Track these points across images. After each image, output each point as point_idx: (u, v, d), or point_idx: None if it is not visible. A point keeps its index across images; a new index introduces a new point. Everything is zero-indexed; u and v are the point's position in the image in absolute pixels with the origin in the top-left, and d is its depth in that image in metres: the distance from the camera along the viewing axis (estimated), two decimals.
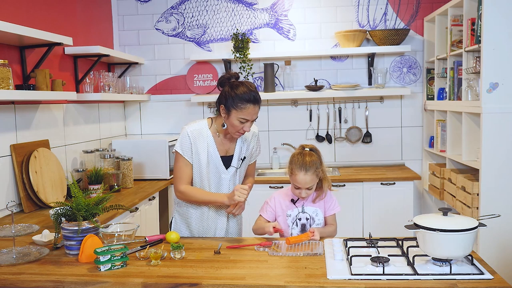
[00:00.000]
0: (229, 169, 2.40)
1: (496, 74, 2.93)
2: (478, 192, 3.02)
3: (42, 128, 3.16)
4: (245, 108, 2.21)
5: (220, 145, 2.37)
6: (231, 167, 2.40)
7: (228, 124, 2.28)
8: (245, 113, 2.22)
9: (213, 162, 2.36)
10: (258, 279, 1.72)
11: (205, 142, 2.34)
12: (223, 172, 2.38)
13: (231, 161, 2.41)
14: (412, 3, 4.26)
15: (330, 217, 2.37)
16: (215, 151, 2.35)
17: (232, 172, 2.40)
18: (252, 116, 2.25)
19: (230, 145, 2.41)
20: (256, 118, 2.30)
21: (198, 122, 2.38)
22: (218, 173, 2.38)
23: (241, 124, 2.25)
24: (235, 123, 2.25)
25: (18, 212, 2.83)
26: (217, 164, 2.37)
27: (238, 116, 2.22)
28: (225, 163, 2.39)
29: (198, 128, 2.34)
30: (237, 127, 2.26)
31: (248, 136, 2.45)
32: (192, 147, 2.31)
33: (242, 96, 2.21)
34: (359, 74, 4.36)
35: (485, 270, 1.72)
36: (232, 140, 2.41)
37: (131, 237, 2.15)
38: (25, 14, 2.99)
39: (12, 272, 1.83)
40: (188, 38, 4.43)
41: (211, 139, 2.35)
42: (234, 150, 2.41)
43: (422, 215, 1.89)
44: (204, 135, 2.34)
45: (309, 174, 2.22)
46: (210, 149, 2.34)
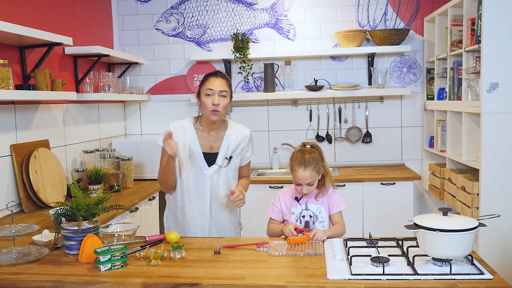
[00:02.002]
0: (212, 166, 2.43)
1: (496, 74, 2.93)
2: (478, 192, 3.02)
3: (42, 128, 3.16)
4: (207, 81, 2.38)
5: (203, 140, 2.44)
6: (215, 164, 2.43)
7: (201, 108, 2.40)
8: (208, 84, 2.37)
9: (195, 157, 2.42)
10: (258, 279, 1.72)
11: (187, 137, 2.43)
12: (205, 168, 2.42)
13: (215, 158, 2.44)
14: (412, 3, 4.26)
15: (335, 214, 2.36)
16: (197, 146, 2.42)
17: (214, 169, 2.43)
18: (215, 85, 2.35)
19: (215, 142, 2.45)
20: (223, 92, 2.37)
21: (183, 119, 2.51)
22: (200, 169, 2.42)
23: (209, 98, 2.35)
24: (204, 100, 2.36)
25: (18, 212, 2.83)
26: (199, 159, 2.42)
27: (203, 90, 2.37)
28: (208, 160, 2.43)
29: (182, 124, 2.46)
30: (206, 103, 2.35)
31: (236, 137, 2.48)
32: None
33: (205, 75, 2.43)
34: (359, 74, 4.36)
35: (485, 270, 1.72)
36: (218, 137, 2.46)
37: (131, 237, 2.15)
38: (25, 14, 2.99)
39: (12, 272, 1.83)
40: (188, 38, 4.43)
41: (193, 134, 2.44)
42: (220, 148, 2.44)
43: (422, 215, 1.89)
44: (187, 131, 2.44)
45: (309, 170, 2.24)
46: (192, 144, 2.42)
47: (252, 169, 4.41)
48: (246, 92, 4.44)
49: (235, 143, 2.47)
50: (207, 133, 2.46)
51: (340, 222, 2.36)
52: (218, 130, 2.48)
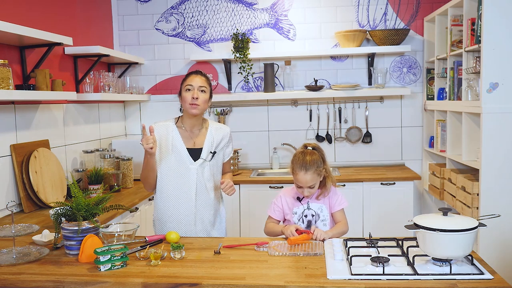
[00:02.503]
0: (197, 160, 2.49)
1: (496, 74, 2.93)
2: (478, 192, 3.02)
3: (42, 128, 3.16)
4: (187, 78, 2.50)
5: (186, 138, 2.51)
6: (200, 158, 2.49)
7: (182, 103, 2.49)
8: (188, 81, 2.48)
9: (179, 153, 2.48)
10: (258, 279, 1.72)
11: (170, 135, 2.50)
12: (191, 163, 2.48)
13: (199, 154, 2.50)
14: (412, 3, 4.26)
15: (337, 213, 2.36)
16: (180, 143, 2.49)
17: (199, 163, 2.49)
18: (194, 82, 2.46)
19: (198, 138, 2.53)
20: (202, 87, 2.46)
21: (165, 120, 2.58)
22: (185, 164, 2.47)
23: (189, 92, 2.44)
24: (184, 95, 2.46)
25: (18, 212, 2.83)
26: (183, 155, 2.48)
27: (184, 86, 2.48)
28: (193, 155, 2.49)
29: (164, 124, 2.53)
30: (186, 98, 2.44)
31: (218, 133, 2.57)
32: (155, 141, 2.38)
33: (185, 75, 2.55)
34: (359, 74, 4.36)
35: (485, 270, 1.72)
36: (200, 133, 2.53)
37: (131, 237, 2.15)
38: (25, 14, 2.99)
39: (12, 272, 1.83)
40: (188, 38, 4.43)
41: (176, 133, 2.50)
42: (204, 144, 2.52)
43: (422, 215, 1.89)
44: (170, 129, 2.51)
45: (310, 174, 2.24)
46: (175, 141, 2.49)
47: (252, 169, 4.41)
48: (246, 92, 4.44)
49: (218, 138, 2.55)
50: (189, 130, 2.53)
51: (342, 220, 2.36)
52: (200, 127, 2.56)
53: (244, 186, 3.95)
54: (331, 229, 2.32)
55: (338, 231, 2.28)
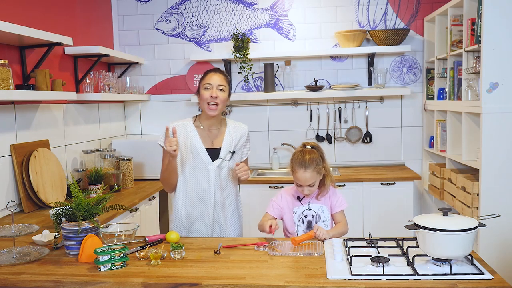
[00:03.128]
0: (215, 160, 2.47)
1: (496, 74, 2.93)
2: (478, 192, 3.02)
3: (42, 128, 3.16)
4: (206, 76, 2.45)
5: (204, 137, 2.48)
6: (219, 159, 2.47)
7: (200, 102, 2.46)
8: (206, 79, 2.43)
9: (198, 153, 2.46)
10: (258, 279, 1.72)
11: (189, 135, 2.47)
12: (209, 163, 2.46)
13: (218, 153, 2.48)
14: (412, 3, 4.26)
15: (338, 214, 2.37)
16: (199, 143, 2.46)
17: (218, 163, 2.47)
18: (213, 80, 2.41)
19: (216, 138, 2.50)
20: (221, 86, 2.43)
21: (183, 119, 2.55)
22: (203, 164, 2.46)
23: (207, 91, 2.40)
24: (202, 94, 2.42)
25: (18, 212, 2.83)
26: (202, 155, 2.46)
27: (202, 84, 2.43)
28: (212, 155, 2.46)
29: (182, 123, 2.50)
30: (205, 96, 2.40)
31: (237, 132, 2.54)
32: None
33: (204, 72, 2.50)
34: (359, 74, 4.36)
35: (485, 270, 1.72)
36: (219, 133, 2.50)
37: (131, 237, 2.15)
38: (25, 14, 2.99)
39: (12, 272, 1.83)
40: (188, 38, 4.44)
41: (194, 132, 2.48)
42: (222, 143, 2.49)
43: (422, 215, 1.89)
44: (188, 129, 2.48)
45: (309, 172, 2.24)
46: (194, 141, 2.46)
47: (252, 169, 4.41)
48: (246, 92, 4.44)
49: (236, 137, 2.52)
50: (207, 129, 2.50)
51: (342, 221, 2.36)
52: (218, 126, 2.52)
53: (244, 186, 3.94)
54: (332, 228, 2.32)
55: (339, 231, 2.28)
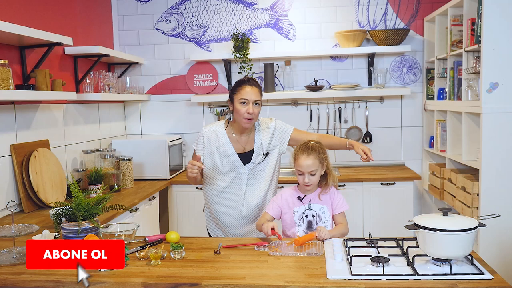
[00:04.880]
0: (247, 164, 2.53)
1: (496, 74, 2.93)
2: (478, 192, 3.02)
3: (42, 128, 3.16)
4: (241, 89, 2.44)
5: (236, 143, 2.54)
6: (251, 163, 2.53)
7: (234, 113, 2.48)
8: (242, 93, 2.43)
9: (230, 158, 2.52)
10: (258, 279, 1.72)
11: (220, 141, 2.52)
12: (242, 168, 2.53)
13: (250, 157, 2.53)
14: (412, 3, 4.26)
15: (338, 215, 2.37)
16: (231, 148, 2.52)
17: (251, 167, 2.53)
18: (250, 95, 2.42)
19: (247, 142, 2.55)
20: (257, 101, 2.45)
21: (215, 124, 2.60)
22: (236, 169, 2.53)
23: (244, 106, 2.42)
24: (238, 108, 2.43)
25: (18, 212, 2.83)
26: (234, 160, 2.52)
27: (238, 98, 2.43)
28: (243, 159, 2.53)
29: (214, 129, 2.55)
30: (240, 111, 2.43)
31: (265, 134, 2.57)
32: (205, 146, 2.53)
33: (237, 83, 2.49)
34: (359, 74, 4.36)
35: (485, 270, 1.72)
36: (249, 138, 2.55)
37: (131, 237, 2.15)
38: (25, 14, 2.99)
39: (12, 272, 1.83)
40: (188, 38, 4.44)
41: (226, 139, 2.53)
42: (254, 147, 2.54)
43: (422, 215, 1.89)
44: (219, 135, 2.54)
45: (311, 158, 2.27)
46: (226, 147, 2.52)
47: None
48: None
49: (266, 139, 2.57)
50: (238, 136, 2.55)
51: (343, 223, 2.36)
52: (248, 132, 2.57)
53: None
54: (333, 229, 2.32)
55: (339, 232, 2.28)
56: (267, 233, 2.18)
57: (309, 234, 2.13)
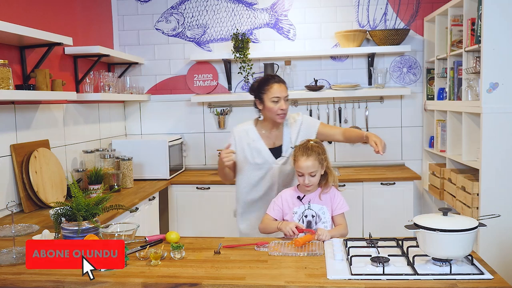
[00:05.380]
0: (278, 159, 2.58)
1: (496, 74, 2.93)
2: (478, 192, 3.02)
3: (42, 128, 3.16)
4: (271, 87, 2.50)
5: (266, 139, 2.61)
6: (282, 156, 2.58)
7: (266, 111, 2.54)
8: (273, 91, 2.49)
9: (261, 154, 2.58)
10: (258, 279, 1.72)
11: (251, 138, 2.60)
12: (274, 162, 2.59)
13: (281, 152, 2.59)
14: (412, 3, 4.26)
15: (338, 216, 2.37)
16: (262, 145, 2.59)
17: (282, 161, 2.59)
18: (281, 92, 2.49)
19: (277, 137, 2.62)
20: (287, 96, 2.52)
21: (245, 123, 2.68)
22: (268, 164, 2.58)
23: (276, 104, 2.49)
24: (270, 106, 2.50)
25: (18, 212, 2.83)
26: (266, 155, 2.58)
27: (269, 97, 2.49)
28: (275, 154, 2.59)
29: (244, 128, 2.64)
30: (273, 109, 2.50)
31: (293, 128, 2.62)
32: (237, 144, 2.60)
33: (264, 81, 2.54)
34: (359, 74, 4.36)
35: (485, 270, 1.72)
36: (278, 133, 2.62)
37: (131, 237, 2.15)
38: (25, 14, 2.99)
39: (12, 272, 1.83)
40: (188, 38, 4.44)
41: (256, 135, 2.60)
42: (283, 141, 2.60)
43: (422, 215, 1.89)
44: (250, 133, 2.61)
45: (311, 159, 2.27)
46: (257, 144, 2.59)
47: None
48: (246, 92, 4.43)
49: (294, 133, 2.62)
50: (268, 132, 2.62)
51: (343, 224, 2.36)
52: (278, 127, 2.63)
53: None
54: (333, 229, 2.32)
55: (339, 233, 2.28)
56: (290, 233, 2.16)
57: (308, 235, 2.13)
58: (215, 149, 4.40)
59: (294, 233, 2.16)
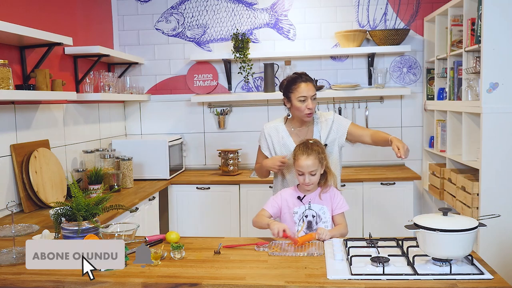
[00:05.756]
0: None
1: (496, 74, 2.93)
2: (478, 192, 3.02)
3: (42, 128, 3.16)
4: (297, 87, 2.52)
5: (295, 136, 2.63)
6: None
7: (293, 110, 2.57)
8: (300, 91, 2.51)
9: (290, 151, 2.54)
10: (258, 279, 1.72)
11: (280, 135, 2.64)
12: None
13: None
14: (412, 3, 4.26)
15: (338, 216, 2.37)
16: (291, 142, 2.61)
17: None
18: (307, 91, 2.51)
19: (306, 135, 2.62)
20: (314, 95, 2.53)
21: (275, 120, 2.73)
22: None
23: (303, 103, 2.51)
24: (297, 105, 2.53)
25: (18, 212, 2.83)
26: None
27: (296, 97, 2.52)
28: None
29: (274, 125, 2.69)
30: (300, 108, 2.52)
31: (324, 127, 2.62)
32: (268, 141, 2.67)
33: (291, 80, 2.56)
34: (359, 74, 4.36)
35: (485, 270, 1.72)
36: (308, 130, 2.62)
37: (131, 237, 2.15)
38: (25, 14, 2.99)
39: (12, 272, 1.83)
40: (188, 38, 4.44)
41: (286, 133, 2.64)
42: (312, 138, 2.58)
43: (422, 215, 1.89)
44: (279, 130, 2.65)
45: (311, 158, 2.28)
46: (286, 141, 2.61)
47: (252, 169, 4.41)
48: (246, 92, 4.44)
49: (325, 132, 2.62)
50: (297, 130, 2.65)
51: (343, 223, 2.36)
52: (308, 125, 2.65)
53: (244, 186, 3.95)
54: (333, 229, 2.32)
55: (339, 233, 2.28)
56: (277, 234, 2.15)
57: (308, 234, 2.14)
58: (215, 149, 4.40)
59: (279, 235, 2.14)
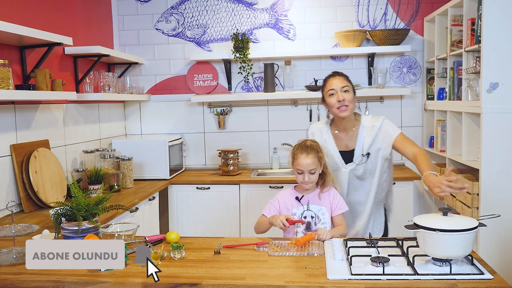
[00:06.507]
0: (348, 164, 2.51)
1: (496, 74, 2.93)
2: (478, 192, 3.02)
3: (42, 128, 3.16)
4: (326, 82, 2.51)
5: (338, 140, 2.55)
6: (352, 163, 2.50)
7: (329, 109, 2.51)
8: (327, 85, 2.49)
9: (332, 156, 2.52)
10: (258, 279, 1.72)
11: (323, 138, 2.56)
12: (343, 166, 2.52)
13: (353, 156, 2.51)
14: (412, 3, 4.26)
15: (337, 217, 2.37)
16: (333, 146, 2.54)
17: (352, 167, 2.50)
18: (335, 84, 2.46)
19: (350, 140, 2.54)
20: (344, 87, 2.45)
21: (321, 122, 2.67)
22: (337, 166, 2.53)
23: (333, 97, 2.45)
24: (328, 101, 2.47)
25: (18, 212, 2.83)
26: (336, 158, 2.52)
27: (326, 92, 2.49)
28: (346, 158, 2.52)
29: (319, 126, 2.63)
30: (331, 103, 2.46)
31: (369, 133, 2.50)
32: None
33: (323, 81, 2.56)
34: (359, 74, 4.36)
35: (485, 270, 1.72)
36: (353, 134, 2.53)
37: (131, 237, 2.15)
38: (25, 14, 2.99)
39: (12, 272, 1.83)
40: (188, 38, 4.44)
41: (329, 135, 2.57)
42: (355, 145, 2.51)
43: (422, 215, 1.89)
44: (323, 132, 2.59)
45: (311, 157, 2.28)
46: (328, 144, 2.54)
47: (252, 169, 4.41)
48: (246, 92, 4.44)
49: (369, 140, 2.50)
50: (341, 133, 2.56)
51: (342, 224, 2.36)
52: (353, 127, 2.54)
53: (244, 186, 3.95)
54: (332, 229, 2.32)
55: (339, 233, 2.28)
56: (282, 226, 2.16)
57: (309, 234, 2.13)
58: (215, 149, 4.40)
59: (285, 225, 2.17)
